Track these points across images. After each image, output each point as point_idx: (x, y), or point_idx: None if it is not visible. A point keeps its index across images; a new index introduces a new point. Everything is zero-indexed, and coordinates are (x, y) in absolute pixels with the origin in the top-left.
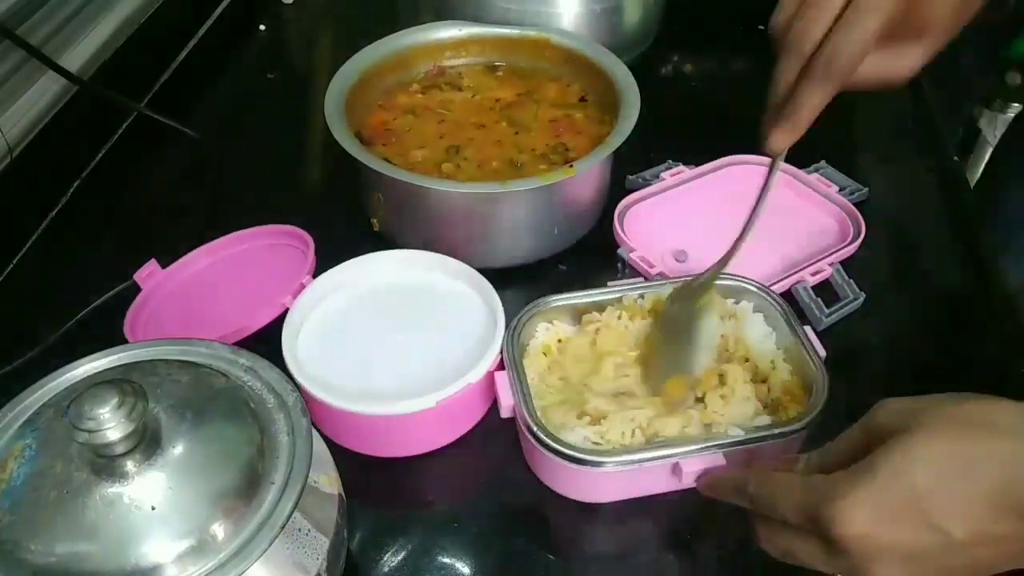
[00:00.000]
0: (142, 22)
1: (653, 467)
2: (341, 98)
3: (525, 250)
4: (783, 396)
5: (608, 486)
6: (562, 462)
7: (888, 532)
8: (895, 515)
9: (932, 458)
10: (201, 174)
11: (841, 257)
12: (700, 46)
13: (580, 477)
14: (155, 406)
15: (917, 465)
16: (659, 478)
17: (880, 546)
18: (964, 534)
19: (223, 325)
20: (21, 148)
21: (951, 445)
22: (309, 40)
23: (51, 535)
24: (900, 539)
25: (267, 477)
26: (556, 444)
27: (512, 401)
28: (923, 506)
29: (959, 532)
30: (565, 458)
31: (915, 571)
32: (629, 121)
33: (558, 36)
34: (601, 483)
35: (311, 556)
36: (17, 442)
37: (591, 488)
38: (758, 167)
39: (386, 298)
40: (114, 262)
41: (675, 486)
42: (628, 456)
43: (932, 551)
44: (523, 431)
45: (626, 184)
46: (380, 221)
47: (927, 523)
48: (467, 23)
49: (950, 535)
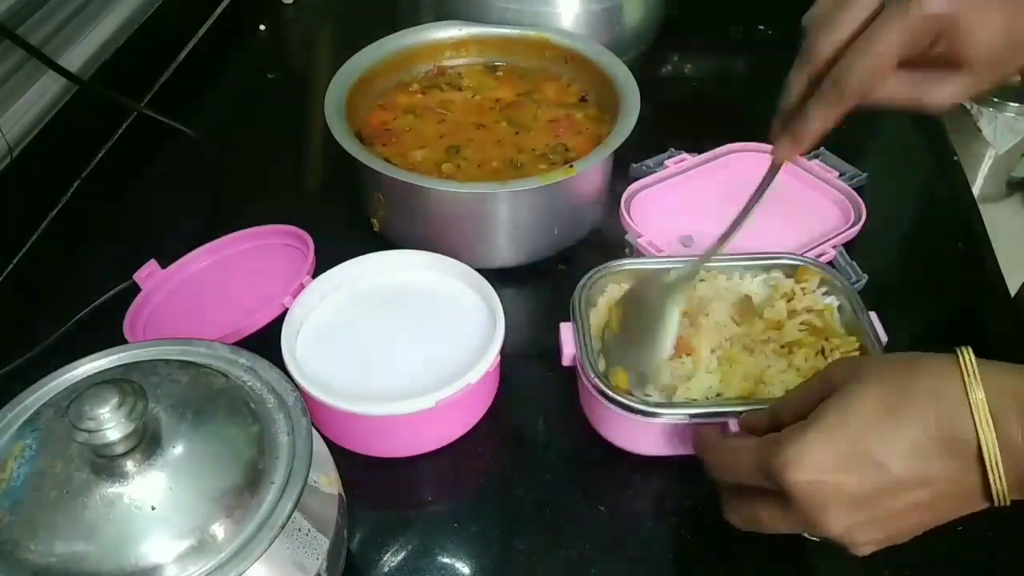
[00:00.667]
0: (142, 22)
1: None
2: (341, 98)
3: (525, 250)
4: None
5: (659, 438)
6: (617, 410)
7: (835, 476)
8: (841, 458)
9: (871, 401)
10: (201, 174)
11: (844, 240)
12: (700, 46)
13: (634, 426)
14: (155, 406)
15: (858, 408)
16: None
17: (828, 491)
18: (901, 470)
19: (223, 325)
20: (21, 148)
21: (887, 388)
22: (309, 40)
23: (51, 535)
24: (846, 482)
25: (267, 477)
26: (613, 393)
27: (574, 350)
28: (864, 445)
29: (897, 468)
30: (620, 406)
31: (862, 517)
32: (629, 121)
33: (558, 36)
34: (653, 434)
35: (311, 556)
36: (17, 442)
37: (643, 438)
38: (760, 154)
39: (386, 298)
40: (114, 262)
41: None
42: (681, 410)
43: (876, 492)
44: (583, 379)
45: (630, 172)
46: (380, 221)
47: (869, 462)
48: (467, 23)
49: (889, 472)
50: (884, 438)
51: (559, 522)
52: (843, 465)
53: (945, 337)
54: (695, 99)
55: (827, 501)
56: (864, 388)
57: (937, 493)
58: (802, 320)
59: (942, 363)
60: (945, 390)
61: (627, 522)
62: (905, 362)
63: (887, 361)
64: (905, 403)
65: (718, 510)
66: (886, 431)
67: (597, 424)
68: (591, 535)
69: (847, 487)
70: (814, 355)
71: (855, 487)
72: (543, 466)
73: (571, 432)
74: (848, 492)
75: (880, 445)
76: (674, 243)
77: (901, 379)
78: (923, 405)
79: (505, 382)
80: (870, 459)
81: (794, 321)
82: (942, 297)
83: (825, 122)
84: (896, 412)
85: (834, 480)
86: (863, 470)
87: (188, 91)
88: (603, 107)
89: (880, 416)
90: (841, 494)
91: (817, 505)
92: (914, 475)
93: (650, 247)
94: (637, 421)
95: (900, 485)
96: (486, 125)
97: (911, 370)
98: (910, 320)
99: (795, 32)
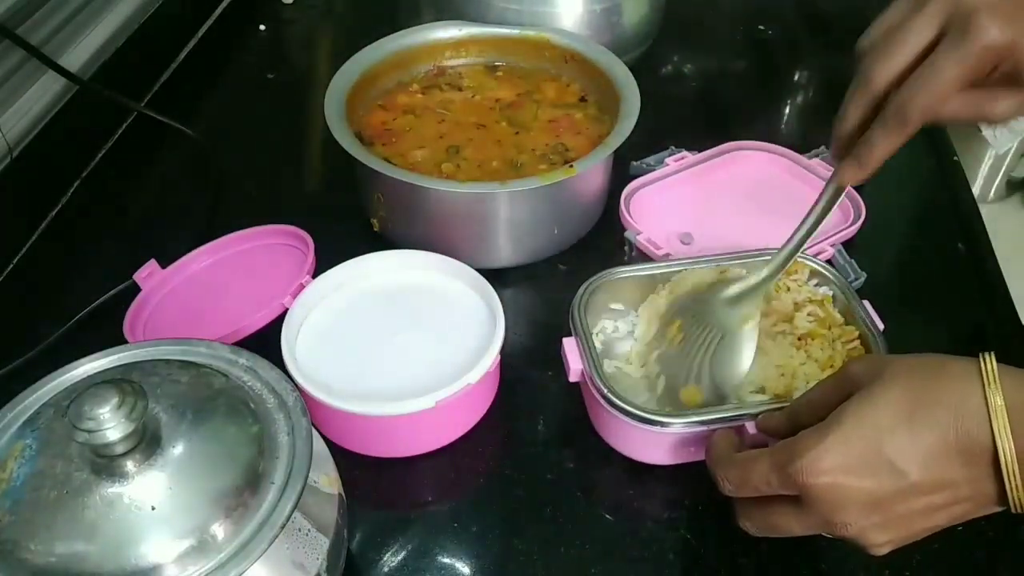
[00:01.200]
0: (142, 22)
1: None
2: (341, 98)
3: (525, 250)
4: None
5: (674, 448)
6: (629, 421)
7: (853, 479)
8: (859, 461)
9: (891, 406)
10: (201, 174)
11: (842, 238)
12: (700, 46)
13: (647, 437)
14: (155, 406)
15: (878, 412)
16: None
17: (846, 494)
18: (919, 475)
19: (223, 325)
20: (21, 148)
21: (908, 392)
22: (309, 40)
23: (51, 535)
24: (864, 485)
25: (267, 477)
26: (625, 404)
27: (581, 366)
28: (883, 449)
29: (915, 474)
30: (633, 418)
31: (879, 518)
32: (629, 121)
33: (558, 36)
34: (665, 443)
35: (311, 556)
36: (17, 442)
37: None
38: (759, 153)
39: (386, 298)
40: (114, 262)
41: None
42: (695, 417)
43: (893, 495)
44: (593, 394)
45: (630, 170)
46: (380, 221)
47: (887, 466)
48: (467, 23)
49: (907, 477)
50: (903, 444)
51: (559, 522)
52: (861, 469)
53: (945, 337)
54: (695, 99)
55: (845, 503)
56: (885, 391)
57: (954, 497)
58: (809, 311)
59: (964, 368)
60: (966, 396)
61: (627, 522)
62: (927, 365)
63: (908, 364)
64: (925, 408)
65: (718, 510)
66: (905, 436)
67: (607, 436)
68: (591, 535)
69: (865, 490)
70: (829, 344)
71: (873, 490)
72: (543, 466)
73: (571, 432)
74: (866, 495)
75: (899, 450)
76: (673, 240)
77: (922, 383)
78: (943, 411)
79: (505, 382)
80: (888, 464)
81: (802, 313)
82: (942, 297)
83: (890, 147)
84: (916, 418)
85: (852, 483)
86: (881, 474)
87: (188, 91)
88: (603, 107)
89: (900, 421)
90: (859, 496)
91: (834, 506)
92: (932, 480)
93: (649, 244)
94: (651, 432)
95: (918, 489)
96: (486, 125)
97: (933, 374)
98: (910, 320)
99: (795, 32)
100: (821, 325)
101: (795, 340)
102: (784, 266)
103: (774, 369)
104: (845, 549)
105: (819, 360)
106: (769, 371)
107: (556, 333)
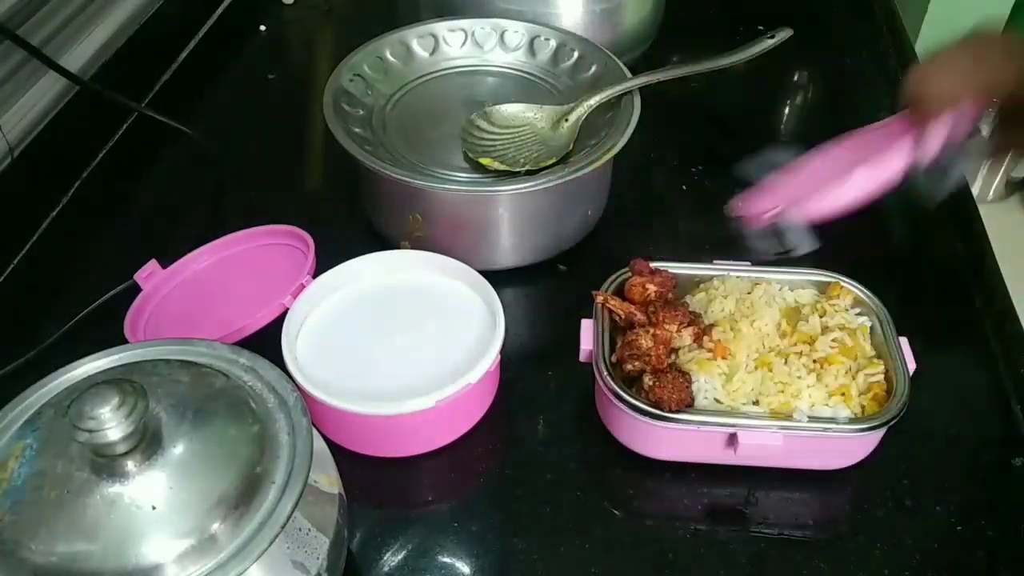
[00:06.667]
0: (142, 22)
1: (711, 432)
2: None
3: (525, 250)
4: (866, 394)
5: (667, 443)
6: (628, 411)
7: None
8: None
9: None
10: (201, 174)
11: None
12: (700, 46)
13: (643, 430)
14: (155, 406)
15: None
16: (715, 446)
17: None
18: None
19: (223, 325)
20: (22, 148)
21: None
22: (309, 40)
23: (51, 535)
24: None
25: (267, 477)
26: (624, 394)
27: (591, 347)
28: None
29: None
30: (631, 408)
31: None
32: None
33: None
34: (663, 438)
35: (311, 556)
36: (17, 442)
37: (652, 441)
38: None
39: (386, 298)
40: (114, 262)
41: (730, 459)
42: (687, 416)
43: None
44: (598, 380)
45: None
46: (380, 221)
47: None
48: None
49: None
50: None
51: (559, 522)
52: None
53: (945, 337)
54: (695, 100)
55: None
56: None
57: None
58: (834, 337)
59: None
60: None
61: (627, 522)
62: None
63: None
64: None
65: (717, 509)
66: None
67: (611, 426)
68: (591, 535)
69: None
70: (843, 374)
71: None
72: (543, 466)
73: (571, 432)
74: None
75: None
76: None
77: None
78: None
79: (505, 382)
80: None
81: (826, 337)
82: (942, 297)
83: None
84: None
85: None
86: None
87: (188, 91)
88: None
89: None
90: None
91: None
92: None
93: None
94: (650, 424)
95: None
96: None
97: None
98: (910, 320)
99: (795, 32)
100: (844, 353)
101: (810, 362)
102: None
103: (773, 384)
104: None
105: (829, 386)
106: (767, 384)
107: (556, 333)
